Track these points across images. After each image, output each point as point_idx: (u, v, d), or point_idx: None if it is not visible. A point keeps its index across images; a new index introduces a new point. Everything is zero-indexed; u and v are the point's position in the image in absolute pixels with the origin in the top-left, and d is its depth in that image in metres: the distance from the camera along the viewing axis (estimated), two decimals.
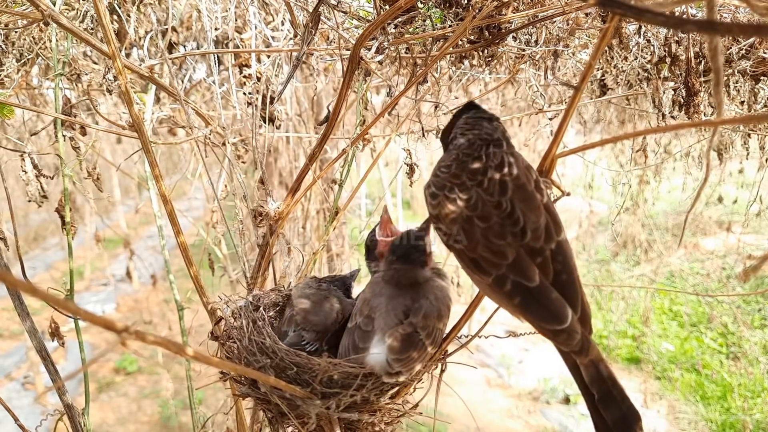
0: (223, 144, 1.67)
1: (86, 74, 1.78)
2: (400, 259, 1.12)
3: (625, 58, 1.56)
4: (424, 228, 1.17)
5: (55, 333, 1.55)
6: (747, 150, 2.53)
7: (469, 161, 0.92)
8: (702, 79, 1.41)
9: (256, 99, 1.59)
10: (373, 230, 1.27)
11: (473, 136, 0.97)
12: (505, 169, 0.89)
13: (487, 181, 0.88)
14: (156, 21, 1.90)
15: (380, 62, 1.32)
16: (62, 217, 1.49)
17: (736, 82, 1.66)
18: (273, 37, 1.74)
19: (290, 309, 1.23)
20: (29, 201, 1.55)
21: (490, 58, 1.34)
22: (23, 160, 1.53)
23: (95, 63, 1.97)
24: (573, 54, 1.80)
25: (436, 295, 1.11)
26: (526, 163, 0.94)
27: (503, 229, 0.85)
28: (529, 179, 0.90)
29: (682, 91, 1.42)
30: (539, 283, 0.84)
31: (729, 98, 1.71)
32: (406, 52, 1.40)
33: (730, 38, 1.48)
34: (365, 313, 1.10)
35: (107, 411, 5.73)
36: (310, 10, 1.17)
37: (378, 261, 1.25)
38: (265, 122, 1.62)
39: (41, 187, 1.56)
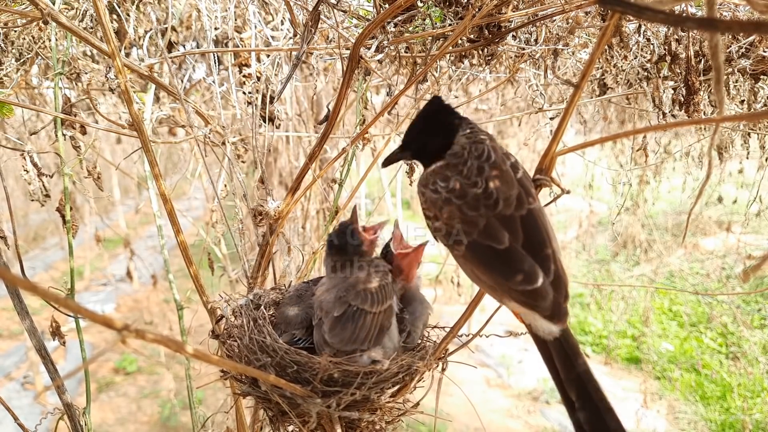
0: (223, 143, 1.67)
1: (86, 73, 1.78)
2: (338, 250, 1.22)
3: (625, 57, 1.56)
4: (353, 219, 1.25)
5: (56, 332, 1.55)
6: (747, 150, 2.53)
7: (452, 161, 0.97)
8: (702, 77, 1.41)
9: (256, 98, 1.59)
10: (387, 245, 1.29)
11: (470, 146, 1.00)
12: (483, 156, 0.94)
13: (466, 169, 0.93)
14: (155, 20, 1.90)
15: (380, 61, 1.32)
16: (63, 216, 1.49)
17: (736, 81, 1.67)
18: (273, 37, 1.74)
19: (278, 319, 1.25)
20: (32, 200, 1.55)
21: (489, 57, 1.34)
22: (24, 159, 1.53)
23: (95, 62, 1.97)
24: (573, 53, 1.80)
25: (365, 267, 1.18)
26: (504, 150, 0.99)
27: (477, 202, 0.89)
28: (504, 162, 0.95)
29: (682, 89, 1.42)
30: (509, 246, 0.86)
31: (729, 97, 1.71)
32: (405, 51, 1.40)
33: (730, 36, 1.48)
34: (323, 310, 1.15)
35: (107, 411, 5.73)
36: (310, 9, 1.17)
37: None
38: (264, 122, 1.62)
39: (44, 185, 1.56)
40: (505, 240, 0.86)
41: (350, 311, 1.09)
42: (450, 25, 1.22)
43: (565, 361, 0.84)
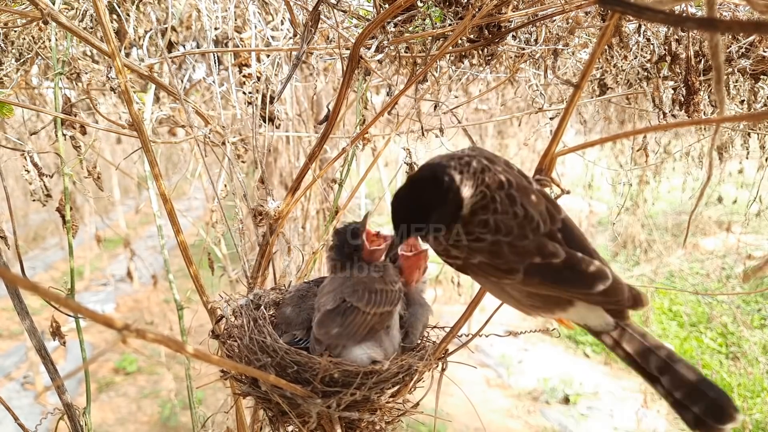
0: (223, 143, 1.67)
1: (86, 73, 1.78)
2: (337, 248, 1.24)
3: (625, 57, 1.56)
4: (362, 224, 1.24)
5: (56, 332, 1.55)
6: (747, 150, 2.53)
7: (477, 207, 0.89)
8: (702, 77, 1.41)
9: (256, 98, 1.59)
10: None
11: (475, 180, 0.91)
12: (505, 184, 0.89)
13: (498, 204, 0.88)
14: (155, 20, 1.90)
15: (380, 61, 1.32)
16: (63, 217, 1.49)
17: (736, 81, 1.67)
18: (273, 37, 1.74)
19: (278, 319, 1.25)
20: (33, 200, 1.55)
21: (489, 57, 1.34)
22: (25, 159, 1.53)
23: (95, 62, 1.97)
24: (573, 53, 1.80)
25: (373, 270, 1.19)
26: (504, 160, 0.96)
27: (523, 230, 0.86)
28: (520, 177, 0.92)
29: (682, 89, 1.42)
30: (566, 255, 0.84)
31: (729, 97, 1.71)
32: (405, 51, 1.40)
33: (730, 37, 1.48)
34: (319, 310, 1.16)
35: (107, 411, 5.73)
36: (310, 9, 1.17)
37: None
38: (264, 122, 1.62)
39: (44, 185, 1.56)
40: (560, 252, 0.84)
41: (343, 306, 1.09)
42: (450, 25, 1.22)
43: (633, 342, 0.84)
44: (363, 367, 1.04)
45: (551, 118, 2.05)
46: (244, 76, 1.69)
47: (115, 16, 1.74)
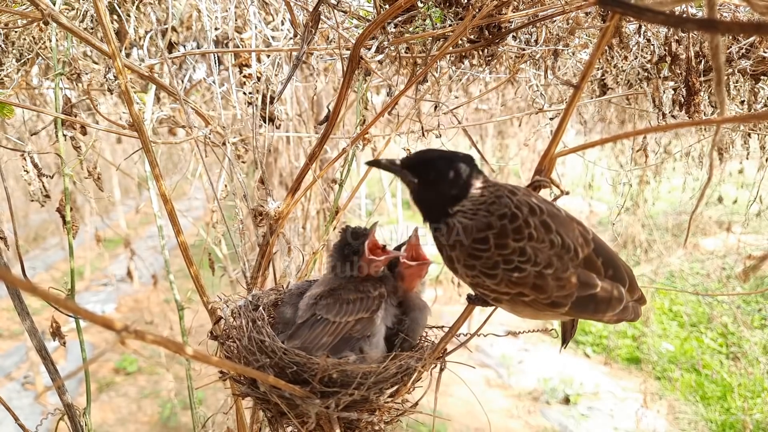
0: (223, 144, 1.67)
1: (86, 74, 1.78)
2: (337, 248, 1.25)
3: (625, 58, 1.56)
4: (369, 231, 1.21)
5: (56, 333, 1.55)
6: (747, 150, 2.53)
7: (506, 223, 0.88)
8: (702, 78, 1.41)
9: (256, 99, 1.59)
10: (400, 246, 1.25)
11: (489, 195, 0.91)
12: (537, 210, 0.90)
13: (533, 230, 0.88)
14: (156, 20, 1.90)
15: (380, 62, 1.33)
16: (63, 217, 1.49)
17: (736, 81, 1.66)
18: (273, 37, 1.74)
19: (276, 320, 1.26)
20: (32, 200, 1.55)
21: (490, 58, 1.34)
22: (25, 159, 1.53)
23: (95, 63, 1.97)
24: (573, 53, 1.80)
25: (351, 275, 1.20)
26: (527, 190, 0.96)
27: (563, 262, 0.89)
28: (546, 203, 0.93)
29: (683, 90, 1.42)
30: (600, 285, 0.92)
31: (729, 98, 1.71)
32: (406, 52, 1.40)
33: (730, 37, 1.48)
34: (298, 315, 1.18)
35: (107, 411, 5.73)
36: (310, 10, 1.17)
37: (395, 279, 1.25)
38: (265, 122, 1.62)
39: (43, 186, 1.56)
40: (596, 281, 0.91)
41: (312, 320, 1.12)
42: (450, 25, 1.22)
43: None
44: (362, 367, 1.04)
45: (551, 119, 2.04)
46: (244, 76, 1.69)
47: (115, 17, 1.74)
